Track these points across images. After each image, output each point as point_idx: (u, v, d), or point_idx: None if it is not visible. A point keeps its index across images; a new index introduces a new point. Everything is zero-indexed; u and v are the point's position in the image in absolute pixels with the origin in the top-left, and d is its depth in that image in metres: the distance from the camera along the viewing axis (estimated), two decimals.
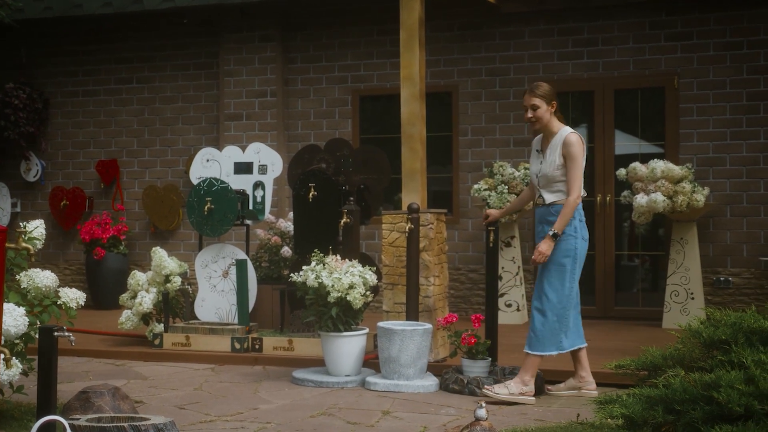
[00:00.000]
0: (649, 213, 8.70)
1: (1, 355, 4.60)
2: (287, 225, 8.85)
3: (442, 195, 10.39)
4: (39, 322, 5.20)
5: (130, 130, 11.60)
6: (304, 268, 6.69)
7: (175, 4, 10.50)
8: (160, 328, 7.95)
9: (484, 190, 9.27)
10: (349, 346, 6.65)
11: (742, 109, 9.45)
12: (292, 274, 6.95)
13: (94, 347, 8.03)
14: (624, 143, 9.88)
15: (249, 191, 8.38)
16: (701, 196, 8.62)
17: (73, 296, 5.50)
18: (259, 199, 8.42)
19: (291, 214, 8.43)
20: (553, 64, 10.05)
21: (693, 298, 8.79)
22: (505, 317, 9.19)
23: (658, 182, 8.62)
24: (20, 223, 5.62)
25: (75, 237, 11.62)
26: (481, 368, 6.39)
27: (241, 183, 8.39)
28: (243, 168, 8.46)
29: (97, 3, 10.85)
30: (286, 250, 8.65)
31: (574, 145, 5.91)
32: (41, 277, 5.39)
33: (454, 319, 6.68)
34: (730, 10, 9.50)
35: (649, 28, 9.75)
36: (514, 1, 9.78)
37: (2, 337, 4.49)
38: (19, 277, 5.43)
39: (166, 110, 11.45)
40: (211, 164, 8.51)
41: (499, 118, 10.21)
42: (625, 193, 9.01)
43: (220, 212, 8.05)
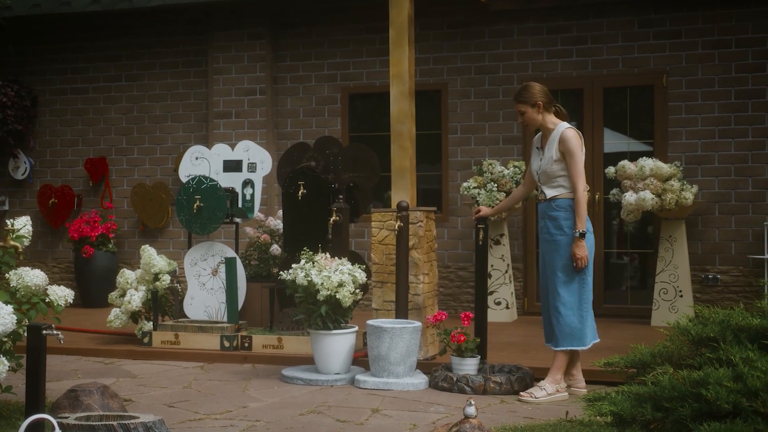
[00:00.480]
0: (638, 211, 8.72)
1: None
2: (276, 223, 8.84)
3: (432, 193, 10.40)
4: (27, 320, 5.18)
5: (119, 128, 11.56)
6: (294, 266, 6.68)
7: (164, 1, 10.46)
8: (149, 326, 7.93)
9: (474, 188, 9.28)
10: (339, 344, 6.65)
11: (730, 107, 9.48)
12: (281, 272, 6.94)
13: (83, 345, 8.01)
14: (613, 141, 9.90)
15: (238, 189, 8.37)
16: (690, 194, 8.65)
17: (62, 294, 5.48)
18: (248, 197, 8.41)
19: (280, 212, 8.43)
20: (542, 62, 10.07)
21: (681, 296, 8.82)
22: (495, 315, 9.21)
23: (646, 180, 8.64)
24: (7, 221, 5.60)
25: (64, 235, 11.59)
26: (471, 366, 6.40)
27: (230, 181, 8.38)
28: (232, 166, 8.45)
29: (86, 0, 10.81)
30: (276, 248, 8.64)
31: (570, 140, 5.93)
32: (31, 276, 5.37)
33: (444, 317, 6.69)
34: (719, 9, 9.52)
35: (638, 26, 9.78)
36: None
37: None
38: (8, 275, 5.41)
39: (155, 108, 11.42)
40: (200, 162, 8.50)
41: (488, 116, 10.22)
42: (614, 191, 9.04)
43: (210, 210, 8.04)
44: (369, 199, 8.03)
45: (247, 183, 8.42)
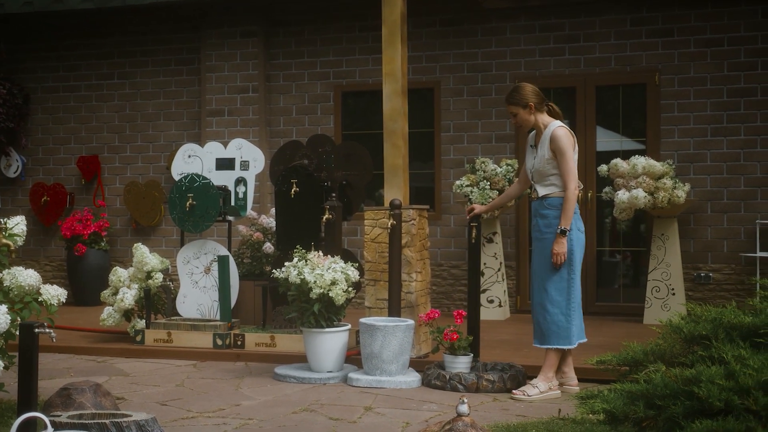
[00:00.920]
0: (631, 209, 8.74)
1: None
2: (269, 221, 8.84)
3: (425, 191, 10.40)
4: (20, 319, 5.17)
5: (112, 126, 11.54)
6: (287, 264, 6.68)
7: None
8: (141, 324, 7.92)
9: (466, 186, 9.28)
10: (331, 342, 6.65)
11: (722, 106, 9.50)
12: (274, 271, 6.94)
13: (76, 344, 7.99)
14: (605, 139, 9.91)
15: (231, 187, 8.36)
16: (682, 192, 8.67)
17: (55, 293, 5.47)
18: (241, 195, 8.40)
19: (273, 210, 8.42)
20: (534, 60, 10.08)
21: (674, 294, 8.84)
22: (488, 313, 9.22)
23: (639, 178, 8.65)
24: (0, 220, 5.58)
25: (56, 233, 11.56)
26: (463, 364, 6.41)
27: (222, 179, 8.37)
28: (225, 164, 8.44)
29: None
30: (269, 246, 8.63)
31: (561, 139, 5.94)
32: (24, 276, 5.36)
33: (437, 315, 6.69)
34: (711, 7, 9.54)
35: (631, 25, 9.79)
36: None
37: None
38: (2, 275, 5.39)
39: (148, 106, 11.40)
40: (193, 160, 8.48)
41: (481, 114, 10.22)
42: (607, 189, 9.05)
43: (202, 208, 8.03)
44: (362, 197, 8.03)
45: (240, 181, 8.41)
